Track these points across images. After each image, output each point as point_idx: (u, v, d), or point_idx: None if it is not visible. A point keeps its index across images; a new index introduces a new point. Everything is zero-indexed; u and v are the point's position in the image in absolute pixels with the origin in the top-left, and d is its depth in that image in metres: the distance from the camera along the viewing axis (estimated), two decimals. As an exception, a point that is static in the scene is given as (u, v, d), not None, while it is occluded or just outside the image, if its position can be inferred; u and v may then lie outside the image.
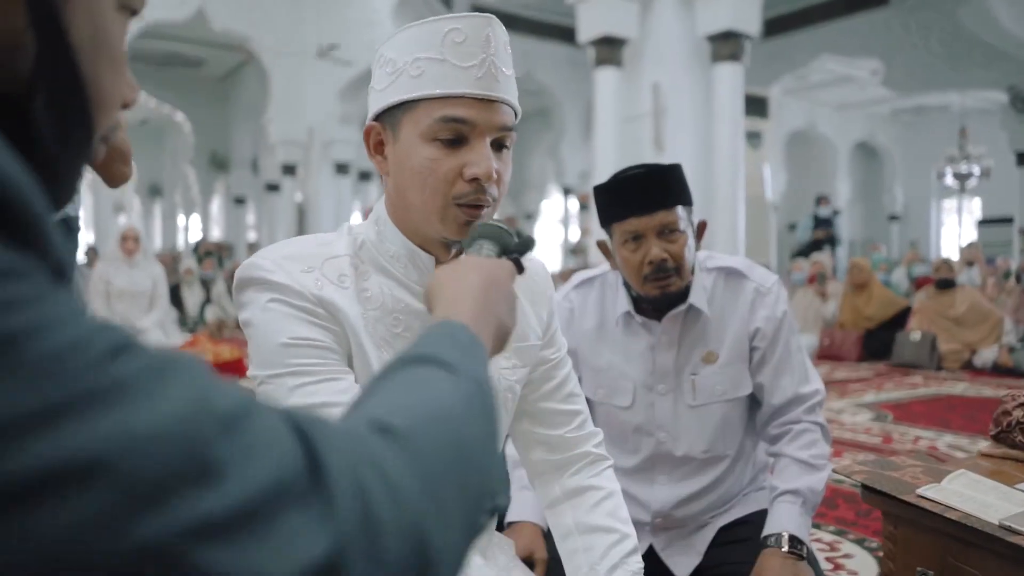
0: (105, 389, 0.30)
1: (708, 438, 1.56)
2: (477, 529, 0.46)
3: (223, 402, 0.34)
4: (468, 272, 0.72)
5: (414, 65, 0.92)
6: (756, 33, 7.44)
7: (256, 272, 0.93)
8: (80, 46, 0.44)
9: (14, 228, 0.32)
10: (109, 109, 0.48)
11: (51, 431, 0.28)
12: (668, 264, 1.45)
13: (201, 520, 0.31)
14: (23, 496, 0.28)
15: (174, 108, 15.23)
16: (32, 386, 0.29)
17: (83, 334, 0.31)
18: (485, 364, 0.58)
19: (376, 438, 0.42)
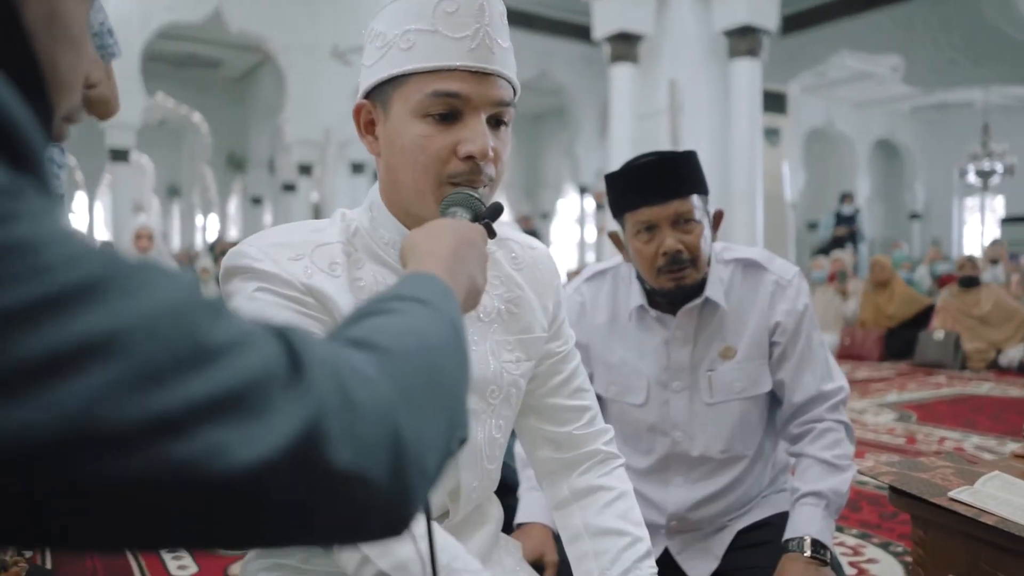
0: (110, 280, 0.34)
1: (726, 437, 1.49)
2: (448, 451, 0.49)
3: (210, 298, 0.38)
4: (441, 232, 0.72)
5: (404, 38, 0.86)
6: (774, 28, 7.34)
7: (242, 260, 0.88)
8: (34, 28, 0.43)
9: (16, 154, 0.35)
10: (68, 90, 0.48)
11: (66, 316, 0.32)
12: (683, 255, 1.39)
13: (201, 397, 0.34)
14: (44, 372, 0.31)
15: (192, 109, 15.32)
16: (45, 280, 0.32)
17: (82, 245, 0.34)
18: (457, 307, 0.60)
19: (352, 349, 0.45)
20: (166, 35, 11.16)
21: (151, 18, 10.50)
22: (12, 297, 0.31)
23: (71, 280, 0.33)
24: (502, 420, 1.02)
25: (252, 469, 0.35)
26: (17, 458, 0.31)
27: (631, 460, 1.55)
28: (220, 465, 0.34)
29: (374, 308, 0.53)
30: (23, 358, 0.31)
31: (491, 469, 1.03)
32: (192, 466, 0.34)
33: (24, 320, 0.31)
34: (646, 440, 1.54)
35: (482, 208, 0.85)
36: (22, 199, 0.33)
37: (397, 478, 0.42)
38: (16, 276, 0.31)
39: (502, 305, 1.03)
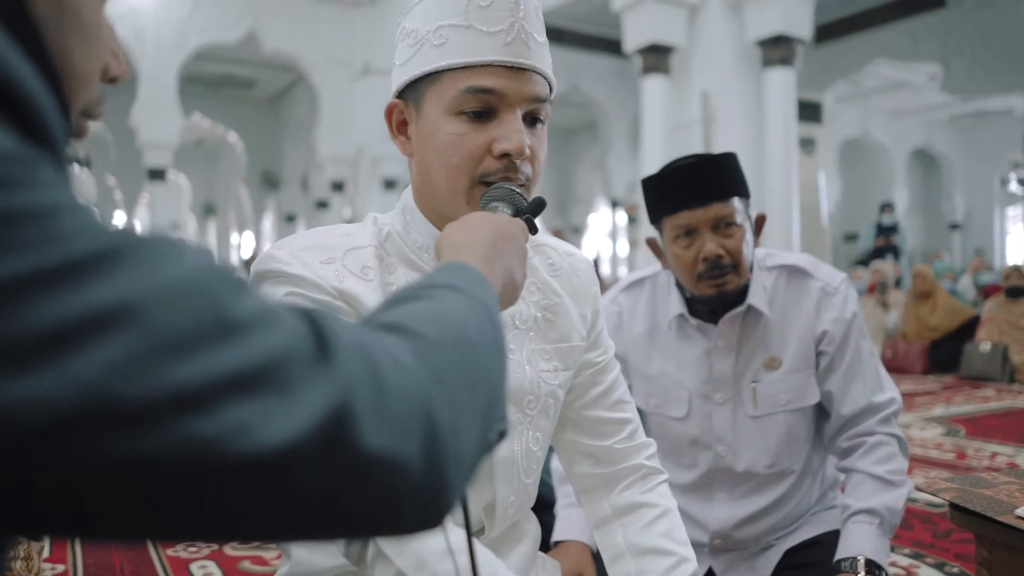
0: (129, 250, 0.32)
1: (772, 452, 1.43)
2: (487, 443, 0.47)
3: (231, 272, 0.37)
4: (478, 224, 0.70)
5: (436, 34, 0.83)
6: (808, 37, 7.23)
7: (272, 264, 0.86)
8: (43, 19, 0.42)
9: (29, 125, 0.34)
10: (83, 83, 0.46)
11: (82, 284, 0.30)
12: (724, 260, 1.33)
13: (224, 371, 0.33)
14: (59, 341, 0.29)
15: (227, 128, 15.56)
16: (61, 247, 0.30)
17: (96, 217, 0.33)
18: (493, 296, 0.57)
19: (383, 333, 0.43)
20: (202, 57, 11.37)
21: (187, 40, 10.71)
22: (25, 263, 0.30)
23: (87, 248, 0.31)
24: (539, 432, 0.98)
25: (277, 450, 0.33)
26: (30, 433, 0.29)
27: (673, 475, 1.50)
28: (243, 445, 0.33)
29: (407, 295, 0.51)
30: (37, 327, 0.29)
31: (528, 484, 0.98)
32: (213, 445, 0.32)
33: (38, 287, 0.30)
34: (688, 454, 1.49)
35: (524, 203, 0.82)
36: (36, 168, 0.32)
37: (431, 463, 0.40)
38: (29, 242, 0.30)
39: (539, 312, 0.99)
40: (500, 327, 0.54)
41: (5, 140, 0.32)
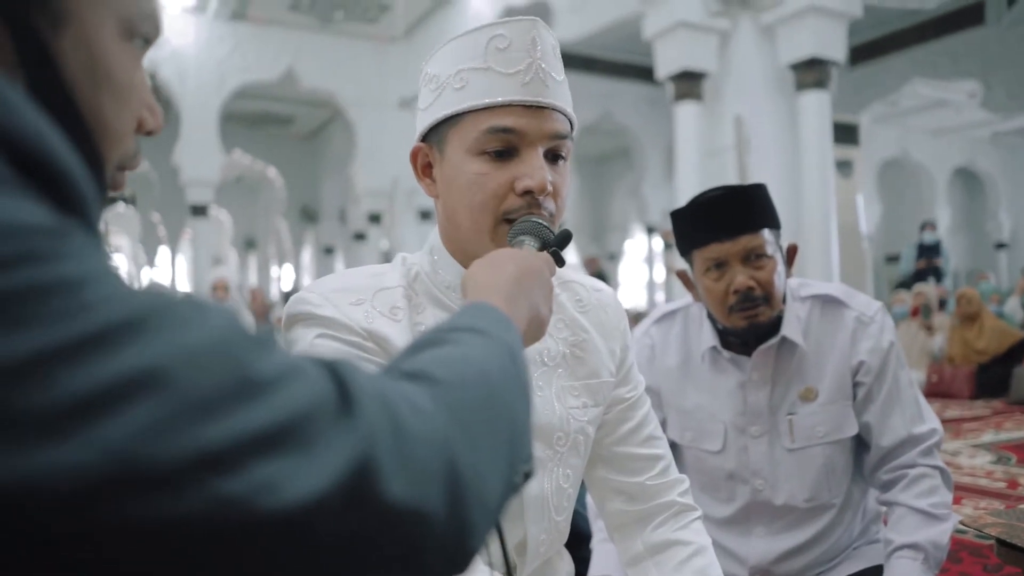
0: (153, 315, 0.33)
1: (810, 485, 1.41)
2: (512, 485, 0.48)
3: (254, 331, 0.38)
4: (503, 261, 0.70)
5: (457, 77, 0.86)
6: (842, 59, 7.18)
7: (303, 307, 0.88)
8: (74, 79, 0.44)
9: (62, 196, 0.36)
10: (117, 139, 0.48)
11: (109, 352, 0.31)
12: (755, 292, 1.32)
13: (250, 431, 0.33)
14: (89, 410, 0.30)
15: (267, 164, 15.89)
16: (88, 317, 0.32)
17: (126, 284, 0.35)
18: (516, 336, 0.57)
19: (404, 381, 0.44)
20: (242, 95, 11.66)
21: (227, 80, 11.00)
22: (56, 335, 0.31)
23: (114, 317, 0.32)
24: (570, 469, 0.98)
25: (303, 505, 0.34)
26: (63, 500, 0.30)
27: (710, 509, 1.48)
28: (270, 502, 0.33)
29: (429, 340, 0.52)
30: (67, 397, 0.30)
31: (559, 521, 0.98)
32: (241, 503, 0.33)
33: (68, 358, 0.31)
34: (725, 488, 1.46)
35: (550, 236, 0.83)
36: (67, 239, 0.33)
37: (454, 510, 0.41)
38: (59, 314, 0.31)
39: (567, 349, 0.99)
40: (524, 367, 0.55)
41: (40, 213, 0.33)
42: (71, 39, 0.44)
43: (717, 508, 1.47)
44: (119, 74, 0.47)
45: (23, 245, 0.31)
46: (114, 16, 0.46)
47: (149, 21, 0.50)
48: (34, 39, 0.42)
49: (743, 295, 1.32)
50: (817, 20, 6.91)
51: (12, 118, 0.35)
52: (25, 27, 0.42)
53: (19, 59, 0.42)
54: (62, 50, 0.43)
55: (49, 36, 0.43)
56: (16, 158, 0.34)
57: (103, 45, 0.46)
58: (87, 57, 0.45)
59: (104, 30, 0.46)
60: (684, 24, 7.16)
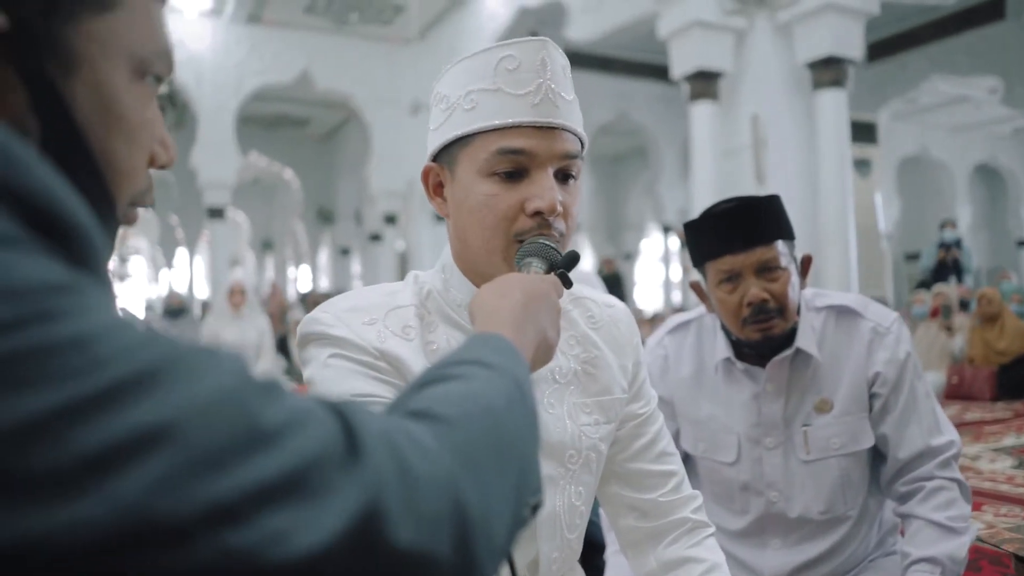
0: (162, 369, 0.34)
1: (825, 497, 1.40)
2: (520, 519, 0.48)
3: (261, 378, 0.38)
4: (509, 288, 0.71)
5: (467, 99, 0.86)
6: (859, 57, 7.12)
7: (316, 327, 0.88)
8: (86, 122, 0.45)
9: (74, 251, 0.37)
10: (128, 178, 0.49)
11: (120, 408, 0.32)
12: (769, 305, 1.32)
13: (259, 482, 0.34)
14: (101, 466, 0.31)
15: (283, 166, 15.98)
16: (99, 374, 0.32)
17: (136, 335, 0.35)
18: (524, 367, 0.58)
19: (411, 421, 0.44)
20: (258, 97, 11.74)
21: (244, 83, 11.08)
22: (69, 394, 0.31)
23: (124, 371, 0.33)
24: (582, 487, 0.97)
25: (312, 554, 0.34)
26: (78, 555, 0.30)
27: (724, 521, 1.47)
28: (279, 553, 0.34)
29: (435, 375, 0.52)
30: (80, 455, 0.31)
31: (571, 539, 0.98)
32: (251, 555, 0.33)
33: (82, 415, 0.31)
34: (739, 500, 1.46)
35: (558, 257, 0.83)
36: (79, 294, 0.34)
37: (462, 551, 0.41)
38: (72, 372, 0.32)
39: (579, 366, 0.99)
40: (531, 399, 0.55)
41: (52, 270, 0.34)
42: (83, 83, 0.44)
43: (732, 520, 1.46)
44: (130, 114, 0.48)
45: (36, 305, 0.32)
46: (126, 57, 0.47)
47: (161, 60, 0.50)
48: (47, 86, 0.43)
49: (757, 307, 1.32)
50: (834, 18, 6.86)
51: (24, 177, 0.35)
52: (38, 75, 0.42)
53: (32, 104, 0.42)
54: (74, 95, 0.44)
55: (61, 82, 0.43)
56: (28, 215, 0.35)
57: (115, 87, 0.46)
58: (99, 100, 0.45)
59: (116, 72, 0.46)
60: (699, 23, 7.13)
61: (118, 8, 0.46)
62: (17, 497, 0.30)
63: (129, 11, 0.47)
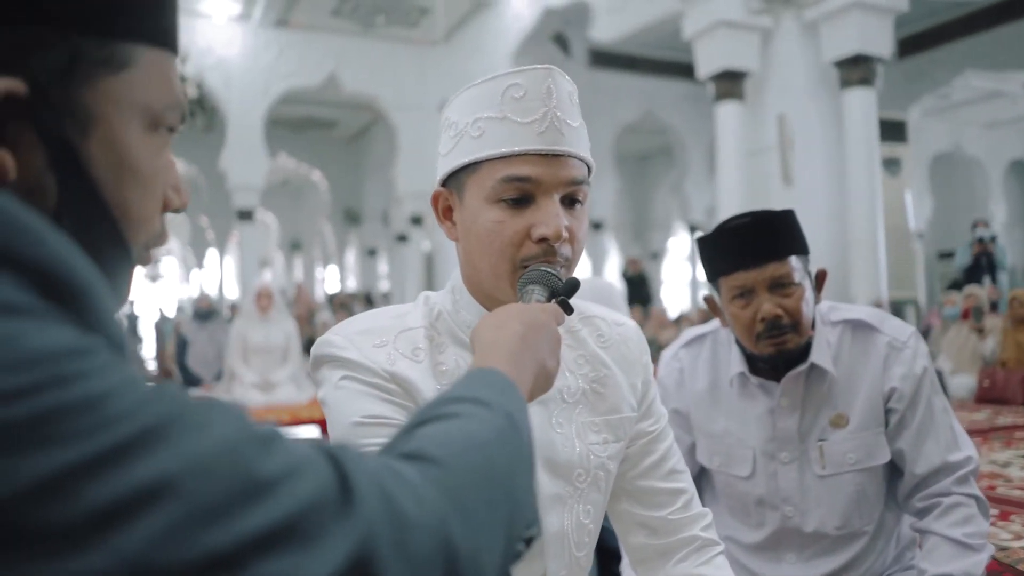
0: (167, 425, 0.36)
1: (841, 512, 1.39)
2: (512, 553, 0.50)
3: (259, 428, 0.40)
4: (508, 320, 0.72)
5: (474, 126, 0.88)
6: (888, 55, 7.03)
7: (328, 349, 0.90)
8: (101, 176, 0.47)
9: (86, 315, 0.38)
10: (142, 225, 0.51)
11: (127, 464, 0.34)
12: (783, 321, 1.32)
13: (255, 531, 0.36)
14: (107, 520, 0.33)
15: (311, 168, 16.14)
16: (109, 433, 0.34)
17: (142, 392, 0.37)
18: (520, 403, 0.59)
19: (403, 463, 0.46)
20: (286, 100, 11.87)
21: (272, 87, 11.20)
22: (81, 452, 0.33)
23: (131, 430, 0.35)
24: (591, 505, 0.98)
25: None
26: None
27: (740, 534, 1.47)
28: None
29: (429, 414, 0.53)
30: (89, 510, 0.33)
31: (580, 557, 0.99)
32: None
33: (91, 473, 0.33)
34: (755, 514, 1.46)
35: (559, 284, 0.84)
36: (90, 356, 0.36)
37: None
38: (83, 432, 0.34)
39: (587, 385, 1.00)
40: (525, 433, 0.56)
41: (64, 335, 0.36)
42: (98, 140, 0.46)
43: (747, 533, 1.46)
44: (144, 166, 0.49)
45: (49, 370, 0.34)
46: (140, 112, 0.49)
47: (173, 112, 0.52)
48: (64, 144, 0.45)
49: (770, 323, 1.32)
50: (862, 15, 6.78)
51: (35, 246, 0.37)
52: (56, 135, 0.44)
53: (50, 162, 0.44)
54: (90, 151, 0.46)
55: (78, 140, 0.45)
56: (40, 283, 0.37)
57: (129, 141, 0.48)
58: (114, 154, 0.47)
59: (130, 127, 0.48)
60: (724, 23, 7.09)
61: (132, 66, 0.48)
62: (31, 550, 0.32)
63: (142, 68, 0.49)
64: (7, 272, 0.36)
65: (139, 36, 0.48)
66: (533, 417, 0.93)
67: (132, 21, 0.48)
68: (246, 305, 5.92)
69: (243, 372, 5.48)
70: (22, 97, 0.42)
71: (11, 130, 0.43)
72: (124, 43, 0.47)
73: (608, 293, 2.34)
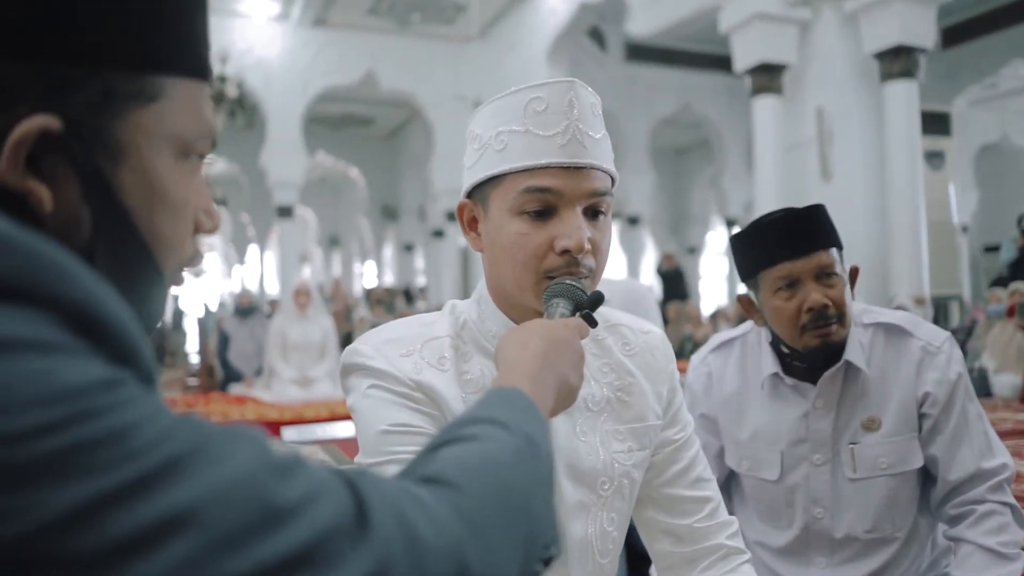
0: (190, 455, 0.37)
1: (872, 516, 1.38)
2: (530, 573, 0.51)
3: (278, 456, 0.41)
4: (530, 337, 0.73)
5: (498, 139, 0.89)
6: (931, 45, 6.87)
7: (356, 359, 0.92)
8: (134, 204, 0.48)
9: (116, 350, 0.40)
10: (174, 250, 0.52)
11: (152, 495, 0.35)
12: (829, 311, 1.31)
13: (274, 559, 0.37)
14: (132, 548, 0.34)
15: (348, 164, 16.30)
16: (135, 464, 0.35)
17: (168, 423, 0.38)
18: (539, 422, 0.60)
19: (420, 486, 0.47)
20: (324, 98, 11.99)
21: (310, 85, 11.34)
22: (109, 482, 0.35)
23: (158, 460, 0.36)
24: (615, 513, 0.99)
25: None
26: None
27: (769, 538, 1.47)
28: None
29: (449, 437, 0.54)
30: (113, 539, 0.34)
31: (604, 564, 1.00)
32: None
33: (118, 502, 0.34)
34: (785, 516, 1.45)
35: (583, 297, 0.85)
36: (118, 389, 0.37)
37: None
38: (109, 464, 0.35)
39: (612, 394, 1.01)
40: (545, 455, 0.57)
41: (93, 369, 0.37)
42: (130, 170, 0.48)
43: (775, 536, 1.46)
44: (175, 193, 0.51)
45: (78, 405, 0.35)
46: (170, 142, 0.50)
47: (204, 140, 0.53)
48: (97, 175, 0.46)
49: (817, 313, 1.31)
50: (903, 6, 6.64)
51: (69, 287, 0.39)
52: (89, 166, 0.46)
53: (84, 193, 0.46)
54: (122, 181, 0.47)
55: (110, 170, 0.47)
56: (70, 320, 0.38)
57: (160, 170, 0.49)
58: (145, 183, 0.49)
59: (161, 156, 0.49)
60: (761, 16, 6.99)
61: (163, 98, 0.49)
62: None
63: (173, 99, 0.49)
64: (40, 310, 0.37)
65: (170, 69, 0.49)
66: (557, 425, 0.95)
67: (163, 55, 0.49)
68: (284, 302, 6.03)
69: (282, 368, 5.57)
70: (57, 132, 0.44)
71: (47, 164, 0.44)
72: (155, 76, 0.48)
73: (640, 296, 2.34)
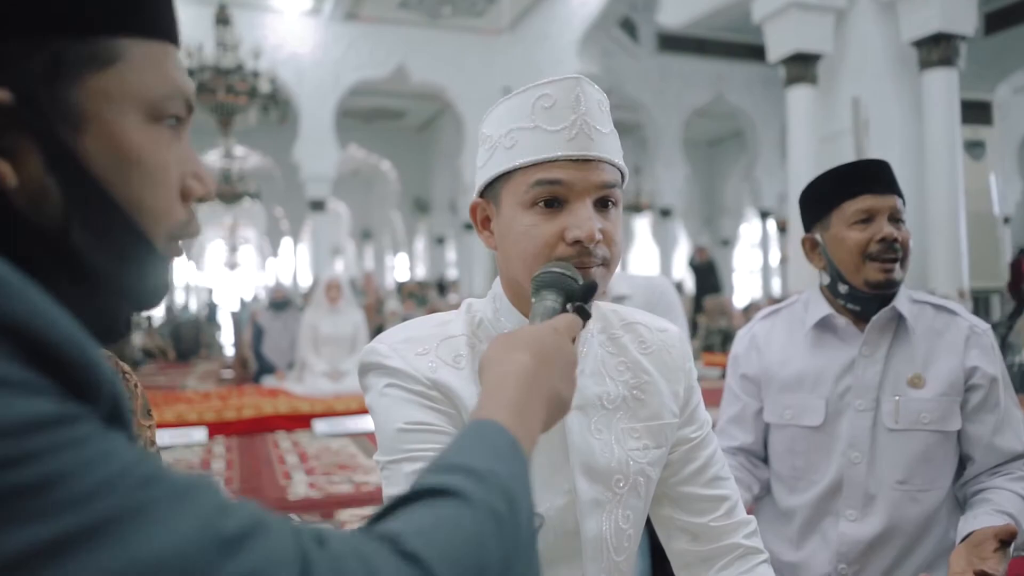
0: (124, 517, 0.33)
1: (905, 467, 1.41)
2: None
3: (232, 524, 0.36)
4: (516, 351, 0.67)
5: (507, 137, 0.91)
6: (971, 32, 6.71)
7: (374, 357, 0.94)
8: (104, 173, 0.46)
9: (70, 382, 0.36)
10: (159, 217, 0.50)
11: (65, 558, 0.31)
12: (897, 244, 1.39)
13: None
14: None
15: (380, 158, 16.42)
16: (60, 520, 0.32)
17: (114, 470, 0.34)
18: (519, 466, 0.55)
19: (377, 545, 0.42)
20: (356, 92, 12.09)
21: (342, 79, 11.43)
22: (28, 536, 0.31)
23: (87, 518, 0.33)
24: (630, 510, 0.99)
25: None
26: None
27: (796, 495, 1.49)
28: None
29: (424, 486, 0.49)
30: None
31: (619, 561, 1.00)
32: None
33: (34, 559, 0.31)
34: (821, 465, 1.46)
35: (574, 287, 0.84)
36: (67, 427, 0.34)
37: None
38: (36, 514, 0.32)
39: (627, 392, 1.01)
40: (524, 514, 0.52)
41: (41, 406, 0.34)
42: (94, 137, 0.46)
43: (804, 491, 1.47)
44: (149, 158, 0.49)
45: (18, 447, 0.32)
46: (135, 106, 0.48)
47: (174, 101, 0.51)
48: (60, 146, 0.45)
49: (887, 244, 1.38)
50: (943, -8, 6.49)
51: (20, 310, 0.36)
52: (50, 137, 0.45)
53: (48, 165, 0.45)
54: (87, 150, 0.46)
55: (73, 140, 0.45)
56: (24, 349, 0.35)
57: (127, 135, 0.48)
58: (113, 150, 0.47)
59: (127, 121, 0.48)
60: (796, 4, 6.89)
61: (120, 61, 0.47)
62: None
63: (132, 61, 0.48)
64: None
65: (123, 30, 0.48)
66: (572, 423, 0.95)
67: (113, 17, 0.47)
68: (317, 295, 6.10)
69: (313, 361, 5.65)
70: (10, 105, 0.43)
71: (6, 139, 0.44)
72: (108, 39, 0.47)
73: (661, 291, 2.33)
